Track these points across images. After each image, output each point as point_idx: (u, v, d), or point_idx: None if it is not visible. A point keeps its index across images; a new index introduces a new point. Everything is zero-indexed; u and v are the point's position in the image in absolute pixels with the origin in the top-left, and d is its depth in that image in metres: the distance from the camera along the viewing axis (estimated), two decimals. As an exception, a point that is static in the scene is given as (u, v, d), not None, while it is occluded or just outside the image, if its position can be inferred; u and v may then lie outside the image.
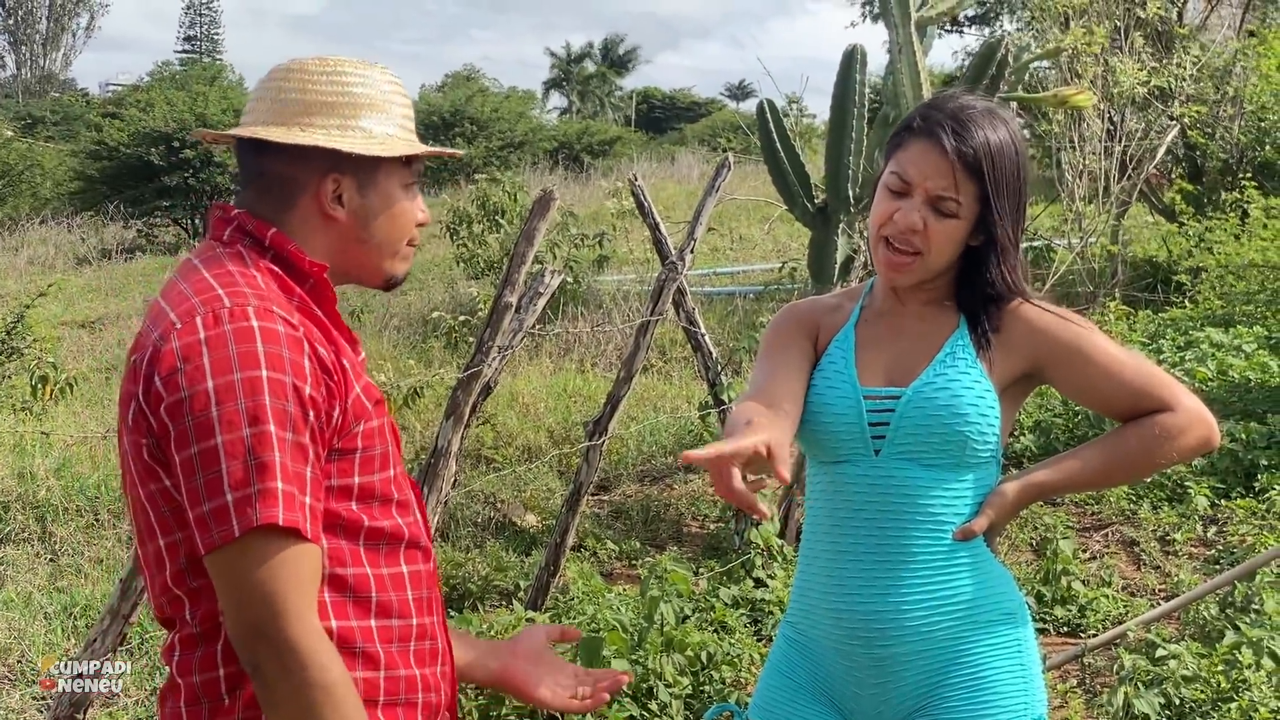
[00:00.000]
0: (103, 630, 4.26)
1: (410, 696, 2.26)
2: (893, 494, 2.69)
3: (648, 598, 5.89)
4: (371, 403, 2.25)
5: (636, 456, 10.03)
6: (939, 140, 2.65)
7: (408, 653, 2.26)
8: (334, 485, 2.18)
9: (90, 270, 23.86)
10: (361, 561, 2.21)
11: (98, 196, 32.18)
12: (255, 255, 2.25)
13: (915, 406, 2.68)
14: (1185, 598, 6.24)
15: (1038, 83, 16.39)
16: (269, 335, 2.09)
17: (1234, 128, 15.10)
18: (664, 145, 46.32)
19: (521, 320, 5.37)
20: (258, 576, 2.01)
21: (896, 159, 2.72)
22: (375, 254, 2.36)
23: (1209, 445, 2.76)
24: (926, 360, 2.73)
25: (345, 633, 2.17)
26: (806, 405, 2.76)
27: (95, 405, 11.76)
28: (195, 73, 42.38)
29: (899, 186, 2.69)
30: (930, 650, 2.69)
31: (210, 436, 2.03)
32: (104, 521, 8.27)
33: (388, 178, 2.32)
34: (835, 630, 2.73)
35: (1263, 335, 10.93)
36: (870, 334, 2.83)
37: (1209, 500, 7.98)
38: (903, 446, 2.68)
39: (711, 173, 7.61)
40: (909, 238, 2.67)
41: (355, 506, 2.21)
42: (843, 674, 2.75)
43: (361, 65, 2.35)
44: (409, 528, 2.30)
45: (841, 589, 2.71)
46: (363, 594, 2.20)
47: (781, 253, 18.10)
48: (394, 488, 2.28)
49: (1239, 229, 13.06)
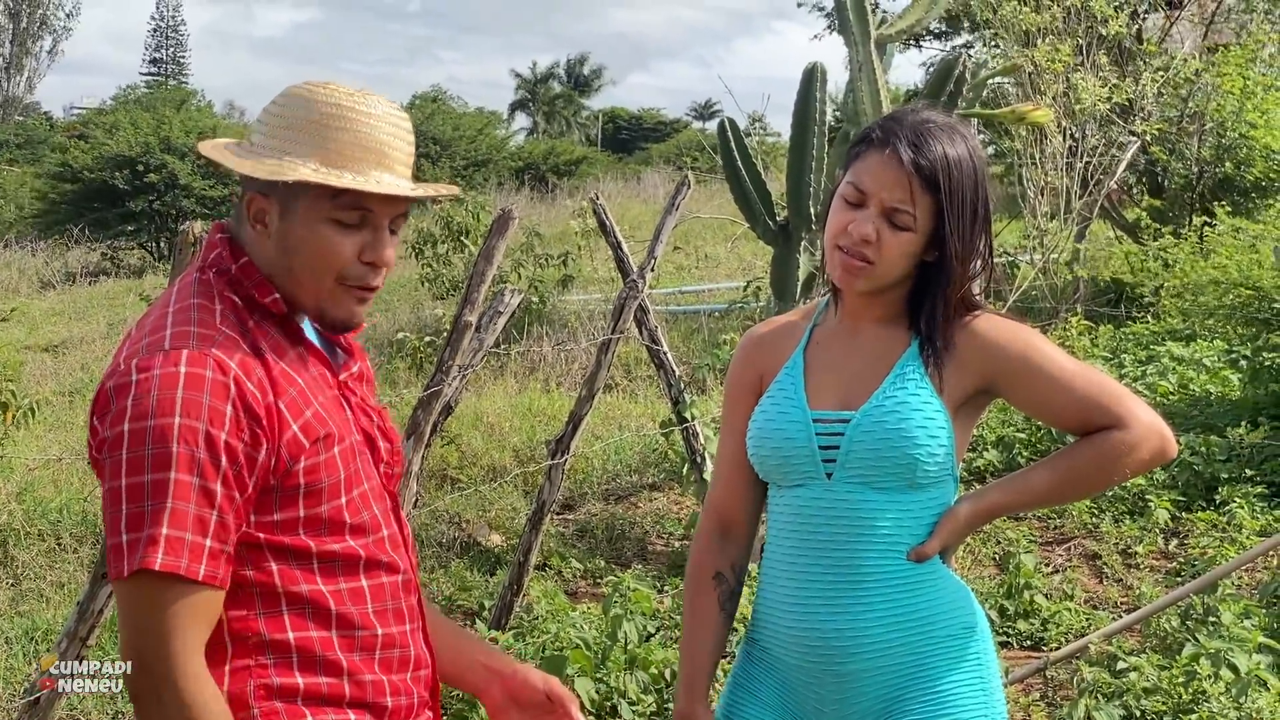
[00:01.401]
0: (60, 653, 4.24)
1: (378, 700, 2.33)
2: (847, 517, 2.70)
3: (610, 616, 5.89)
4: (310, 440, 2.27)
5: (601, 475, 10.02)
6: (896, 152, 2.66)
7: (372, 660, 2.33)
8: (277, 519, 2.25)
9: (54, 294, 23.73)
10: (315, 580, 2.28)
11: (62, 220, 32.02)
12: (221, 285, 2.31)
13: (864, 430, 2.69)
14: (1146, 610, 6.27)
15: (999, 99, 16.48)
16: (193, 380, 2.15)
17: (1195, 144, 15.19)
18: (630, 165, 46.39)
19: (482, 339, 5.38)
20: (143, 616, 2.13)
21: (854, 169, 2.73)
22: (299, 285, 2.33)
23: (1164, 457, 2.76)
24: (877, 382, 2.74)
25: (304, 643, 2.26)
26: (756, 432, 2.81)
27: (58, 429, 11.70)
28: (160, 96, 42.27)
29: (855, 197, 2.70)
30: (890, 666, 2.71)
31: (118, 477, 2.13)
32: (66, 545, 8.22)
33: (309, 207, 2.28)
34: (796, 648, 2.75)
35: (1223, 349, 10.98)
36: (822, 355, 2.84)
37: (1170, 513, 8.02)
38: (854, 470, 2.70)
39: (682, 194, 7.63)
40: (861, 249, 2.68)
41: (303, 534, 2.27)
42: (804, 690, 2.77)
43: (329, 86, 2.33)
44: (365, 549, 2.33)
45: (801, 608, 2.73)
46: (321, 607, 2.28)
47: (746, 271, 18.14)
48: (348, 513, 2.32)
49: (1197, 246, 13.14)
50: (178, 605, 2.11)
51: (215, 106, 48.35)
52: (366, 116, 2.30)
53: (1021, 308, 13.88)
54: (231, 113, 64.79)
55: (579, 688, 5.37)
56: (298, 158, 2.26)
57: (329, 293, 2.33)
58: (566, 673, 5.37)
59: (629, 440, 10.50)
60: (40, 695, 4.24)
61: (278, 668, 2.25)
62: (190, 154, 31.59)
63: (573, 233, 18.02)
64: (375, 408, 2.50)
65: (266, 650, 2.25)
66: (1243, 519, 7.58)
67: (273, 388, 2.23)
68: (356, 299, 2.36)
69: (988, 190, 2.77)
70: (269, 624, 2.25)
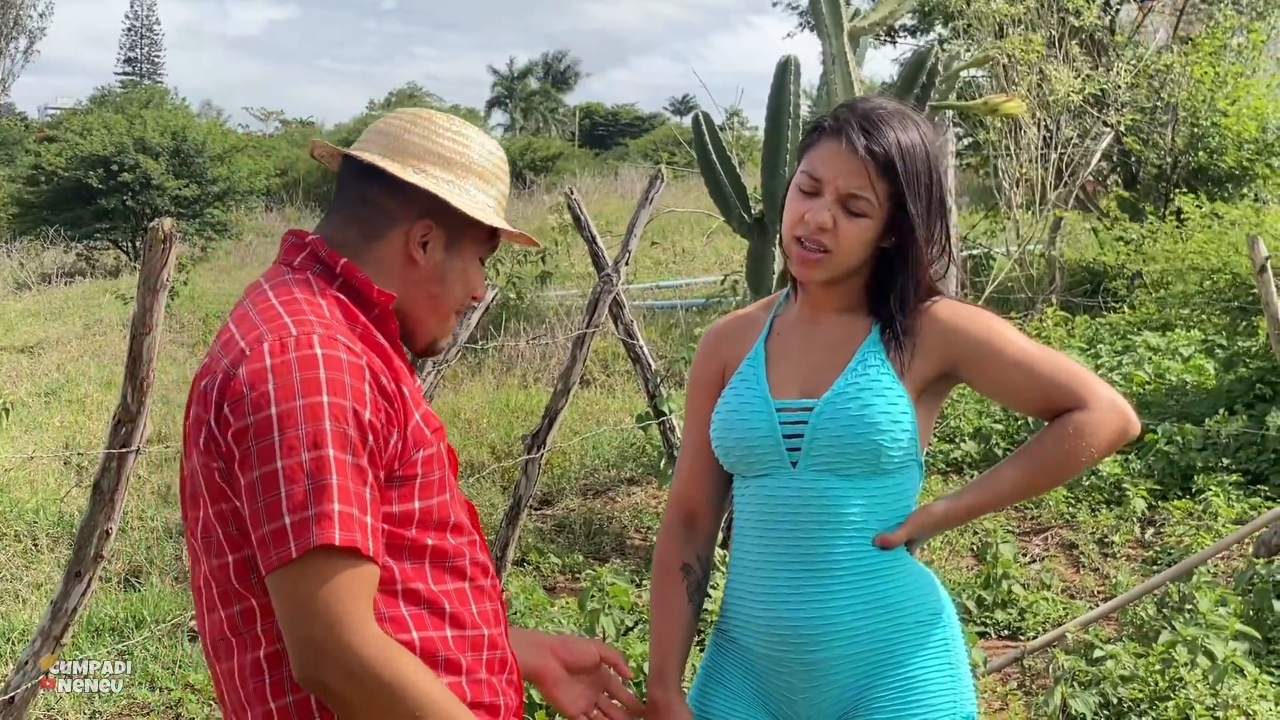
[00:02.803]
0: (34, 652, 4.23)
1: (492, 700, 2.34)
2: (812, 505, 2.70)
3: (588, 610, 5.89)
4: (430, 430, 2.32)
5: (579, 470, 10.02)
6: (850, 139, 2.66)
7: (480, 661, 2.34)
8: (396, 511, 2.24)
9: (29, 295, 23.62)
10: (427, 579, 2.28)
11: (36, 221, 31.86)
12: (323, 283, 2.32)
13: (828, 418, 2.69)
14: (1122, 598, 6.29)
15: (974, 91, 16.52)
16: (332, 362, 2.15)
17: (1168, 133, 15.24)
18: (607, 161, 46.34)
19: (456, 335, 5.37)
20: (316, 595, 2.07)
21: (808, 159, 2.73)
22: (434, 311, 2.41)
23: (1127, 435, 2.75)
24: (838, 370, 2.74)
25: (427, 643, 2.25)
26: (719, 423, 2.82)
27: (34, 430, 11.65)
28: (135, 96, 42.14)
29: (810, 186, 2.70)
30: (858, 653, 2.71)
31: (272, 461, 2.09)
32: (42, 546, 8.20)
33: (472, 243, 2.40)
34: (766, 637, 2.75)
35: (1199, 339, 11.03)
36: (783, 345, 2.85)
37: (1146, 502, 8.05)
38: (818, 458, 2.70)
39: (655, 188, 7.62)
40: (819, 237, 2.68)
41: (415, 531, 2.27)
42: (774, 679, 2.77)
43: (481, 134, 2.44)
44: (467, 549, 2.36)
45: (770, 597, 2.73)
46: (437, 606, 2.28)
47: (724, 265, 18.14)
48: (450, 511, 2.34)
49: (1176, 233, 13.19)
50: (354, 581, 2.09)
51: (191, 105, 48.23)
52: (502, 159, 2.46)
53: (997, 299, 13.93)
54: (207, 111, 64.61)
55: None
56: (464, 194, 2.37)
57: (448, 323, 2.46)
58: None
59: (606, 435, 10.50)
60: (14, 694, 4.22)
61: None
62: (164, 154, 31.48)
63: (550, 228, 18.01)
64: (433, 415, 2.53)
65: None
66: (1218, 507, 7.62)
67: (395, 376, 2.26)
68: (454, 325, 2.50)
69: (941, 174, 2.76)
70: (393, 624, 2.23)
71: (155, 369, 4.24)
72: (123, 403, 4.21)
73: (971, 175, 18.45)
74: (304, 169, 39.69)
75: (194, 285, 19.52)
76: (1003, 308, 14.04)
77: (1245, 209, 12.94)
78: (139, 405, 4.22)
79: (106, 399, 12.37)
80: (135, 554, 8.09)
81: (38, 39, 63.91)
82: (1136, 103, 15.39)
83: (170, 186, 31.11)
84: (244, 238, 31.96)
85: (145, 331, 4.13)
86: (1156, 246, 12.73)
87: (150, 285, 4.08)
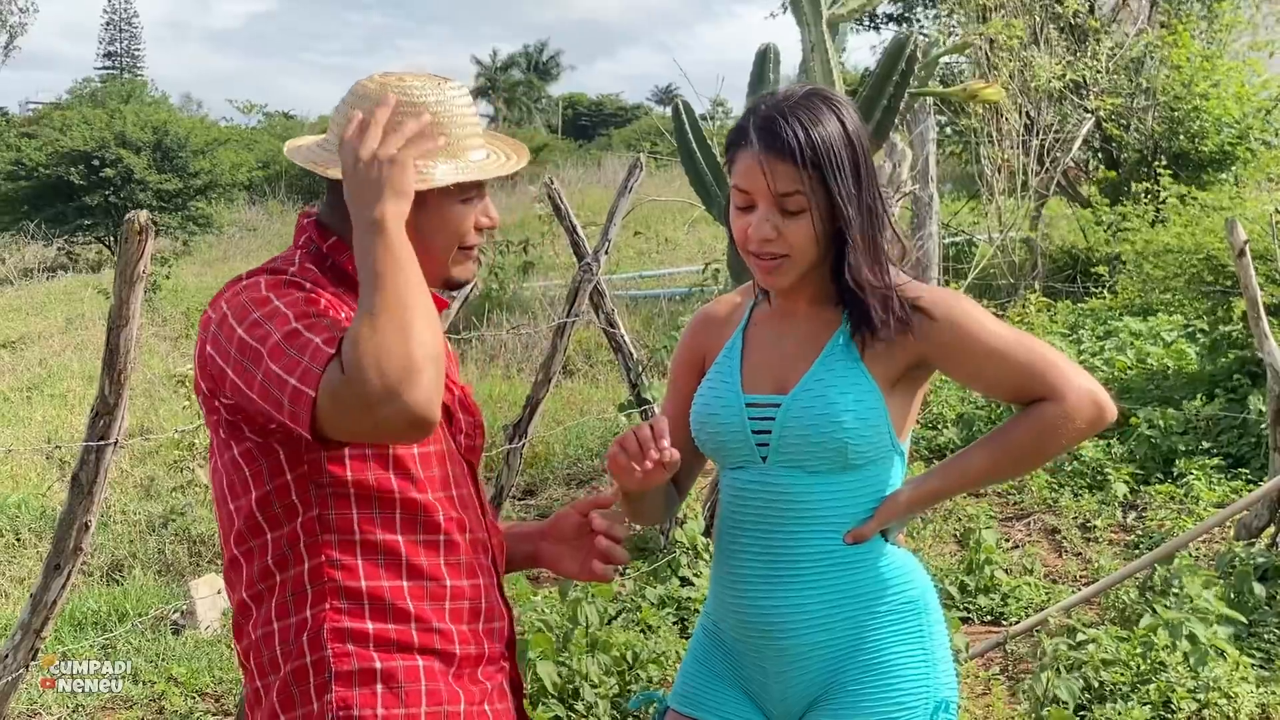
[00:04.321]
0: (14, 645, 4.23)
1: (445, 648, 2.41)
2: (781, 500, 2.72)
3: (569, 599, 5.90)
4: None
5: (563, 460, 10.03)
6: (759, 145, 2.64)
7: (442, 610, 2.42)
8: (368, 453, 2.36)
9: (11, 290, 23.57)
10: (393, 530, 2.39)
11: (18, 216, 31.81)
12: (305, 259, 2.45)
13: (793, 416, 2.69)
14: (1104, 582, 6.31)
15: (955, 78, 16.52)
16: (277, 287, 2.33)
17: (1148, 119, 15.26)
18: (591, 151, 46.31)
19: (436, 325, 5.36)
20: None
21: (734, 174, 2.71)
22: (434, 262, 2.46)
23: (1101, 425, 2.73)
24: (807, 365, 2.74)
25: (375, 591, 2.37)
26: (695, 415, 2.83)
27: (16, 425, 11.64)
28: (114, 90, 41.98)
29: (743, 201, 2.68)
30: (831, 641, 2.73)
31: (252, 356, 2.23)
32: (25, 541, 8.20)
33: (440, 196, 2.43)
34: (737, 624, 2.79)
35: (1180, 323, 11.06)
36: (759, 338, 2.84)
37: (1128, 487, 8.08)
38: (786, 454, 2.70)
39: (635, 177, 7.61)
40: (768, 248, 2.66)
41: (380, 468, 2.37)
42: (750, 665, 2.81)
43: (419, 83, 2.45)
44: (439, 502, 2.43)
45: (741, 585, 2.77)
46: (393, 555, 2.39)
47: (706, 254, 18.13)
48: (420, 464, 2.42)
49: (1154, 215, 13.20)
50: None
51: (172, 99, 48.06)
52: (452, 101, 2.46)
53: (979, 285, 13.94)
54: (188, 105, 64.41)
55: (541, 671, 5.38)
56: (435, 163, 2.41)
57: (455, 261, 2.51)
58: (529, 657, 5.37)
59: (590, 425, 10.50)
60: (-6, 689, 4.21)
61: (350, 613, 2.36)
62: (146, 148, 31.41)
63: (534, 219, 18.00)
64: (457, 384, 2.60)
65: (341, 595, 2.36)
66: (1200, 491, 7.65)
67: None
68: (472, 258, 2.56)
69: (866, 148, 2.73)
70: (345, 572, 2.36)
71: (134, 361, 4.23)
72: (100, 395, 4.20)
73: (953, 162, 18.46)
74: (287, 162, 39.49)
75: (176, 279, 19.51)
76: (985, 294, 14.06)
77: (1222, 194, 12.95)
78: (117, 397, 4.21)
79: (89, 393, 12.32)
80: (118, 548, 8.09)
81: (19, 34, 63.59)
82: (1116, 88, 15.41)
83: (152, 181, 31.08)
84: (227, 231, 31.90)
85: (122, 324, 4.12)
86: (1137, 234, 12.74)
87: (127, 277, 4.06)
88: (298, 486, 2.36)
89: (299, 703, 2.37)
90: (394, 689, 2.35)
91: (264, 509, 2.38)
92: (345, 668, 2.34)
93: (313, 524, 2.36)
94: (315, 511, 2.35)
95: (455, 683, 2.42)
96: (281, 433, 2.31)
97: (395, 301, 2.15)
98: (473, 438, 2.61)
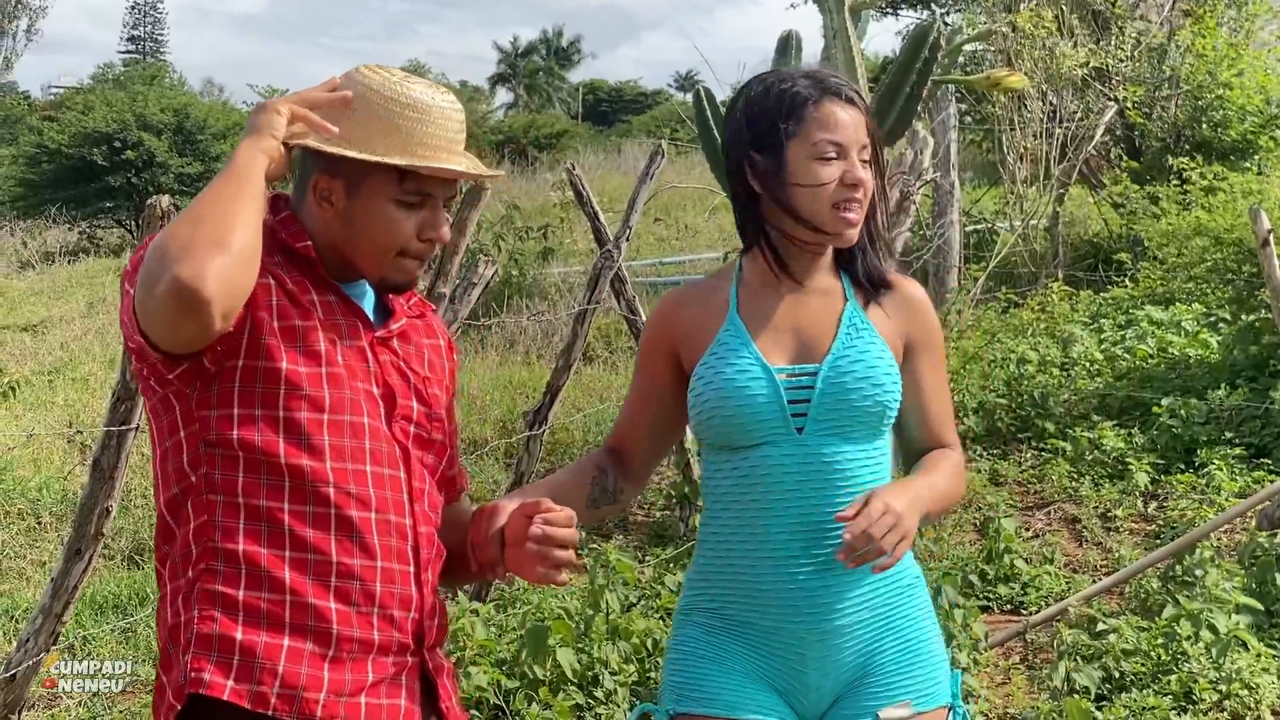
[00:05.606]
0: (35, 630, 4.24)
1: (320, 625, 2.35)
2: (822, 470, 2.71)
3: (593, 586, 5.89)
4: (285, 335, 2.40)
5: (583, 446, 10.01)
6: (847, 96, 2.75)
7: (324, 588, 2.36)
8: (259, 414, 2.36)
9: (33, 274, 23.63)
10: (279, 497, 2.36)
11: (40, 200, 31.90)
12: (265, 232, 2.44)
13: (834, 381, 2.70)
14: (1125, 572, 6.29)
15: (978, 65, 16.46)
16: None
17: (1171, 107, 15.18)
18: (611, 138, 46.22)
19: (456, 311, 5.36)
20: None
21: (815, 123, 2.73)
22: (361, 256, 2.52)
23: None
24: (829, 333, 2.76)
25: (252, 556, 2.34)
26: (710, 395, 2.76)
27: (37, 408, 11.66)
28: (137, 74, 42.09)
29: (834, 150, 2.72)
30: (868, 619, 2.75)
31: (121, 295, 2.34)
32: (46, 524, 8.22)
33: (376, 189, 2.48)
34: (775, 610, 2.73)
35: (1202, 312, 11.00)
36: (758, 314, 2.82)
37: (1149, 476, 8.04)
38: (826, 422, 2.70)
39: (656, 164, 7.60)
40: (858, 194, 2.73)
41: (271, 432, 2.36)
42: (784, 652, 2.76)
43: (392, 80, 2.51)
44: (337, 474, 2.39)
45: (782, 568, 2.72)
46: (276, 523, 2.36)
47: (726, 240, 18.10)
48: (328, 433, 2.40)
49: (1180, 197, 13.10)
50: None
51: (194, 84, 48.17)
52: (427, 108, 2.49)
53: (1001, 274, 13.89)
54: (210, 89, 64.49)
55: (561, 658, 5.38)
56: (352, 141, 2.46)
57: (391, 264, 2.53)
58: (549, 643, 5.37)
59: (610, 411, 10.49)
60: (16, 671, 4.22)
61: (225, 578, 2.33)
62: (167, 131, 31.47)
63: (553, 205, 17.97)
64: (418, 372, 2.60)
65: (219, 558, 2.34)
66: (1221, 480, 7.61)
67: (297, 290, 2.45)
68: (415, 265, 2.57)
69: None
70: (224, 535, 2.34)
71: (155, 346, 4.23)
72: (121, 379, 4.21)
73: (975, 150, 18.39)
74: (307, 147, 39.56)
75: (198, 263, 19.45)
76: (1006, 283, 14.02)
77: (1247, 179, 12.86)
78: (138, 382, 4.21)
79: (110, 377, 12.35)
80: (139, 531, 8.10)
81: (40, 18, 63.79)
82: (1139, 76, 15.33)
83: (174, 164, 31.15)
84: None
85: (144, 308, 4.12)
86: (1161, 219, 12.65)
87: (149, 262, 4.07)
88: (189, 444, 2.38)
89: (173, 663, 2.36)
90: (249, 664, 2.30)
91: (163, 466, 2.42)
92: (206, 631, 2.31)
93: (200, 483, 2.36)
94: (204, 470, 2.36)
95: (328, 668, 2.35)
96: (178, 382, 2.36)
97: (202, 204, 2.27)
98: (425, 428, 2.58)
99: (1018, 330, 11.50)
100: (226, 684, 2.28)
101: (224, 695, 2.28)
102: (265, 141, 2.38)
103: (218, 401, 2.35)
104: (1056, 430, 9.05)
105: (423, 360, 2.64)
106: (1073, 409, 9.51)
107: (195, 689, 2.29)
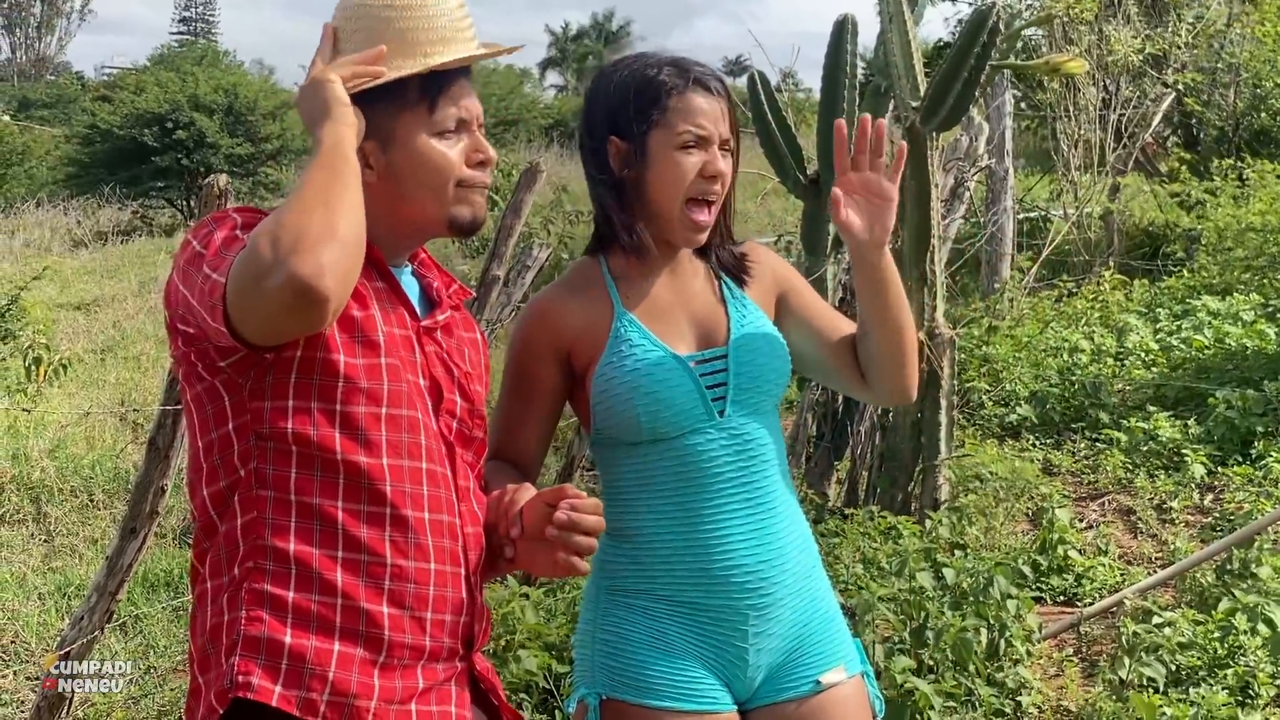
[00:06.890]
0: (90, 608, 4.26)
1: (371, 630, 2.28)
2: (748, 449, 2.75)
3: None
4: (345, 329, 2.32)
5: (633, 430, 9.99)
6: (711, 87, 2.76)
7: (378, 591, 2.29)
8: (314, 408, 2.28)
9: (86, 253, 23.80)
10: (333, 495, 2.28)
11: (93, 179, 32.17)
12: None
13: (745, 361, 2.76)
14: (1182, 564, 6.23)
15: (1031, 51, 16.33)
16: (223, 214, 2.37)
17: (1230, 94, 15.02)
18: (660, 122, 46.10)
19: (510, 294, 5.35)
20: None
21: (683, 116, 2.72)
22: (421, 205, 2.46)
23: None
24: (720, 313, 2.82)
25: (303, 557, 2.26)
26: (622, 392, 2.72)
27: (90, 387, 11.74)
28: (190, 54, 42.34)
29: (696, 140, 2.72)
30: (801, 590, 2.81)
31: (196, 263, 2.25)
32: (98, 502, 8.26)
33: (410, 130, 2.43)
34: (719, 591, 2.72)
35: (1259, 303, 10.88)
36: (645, 305, 2.81)
37: (1206, 468, 7.95)
38: (742, 402, 2.75)
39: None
40: (716, 187, 2.74)
41: (336, 431, 2.28)
42: (729, 631, 2.74)
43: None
44: (393, 472, 2.32)
45: (726, 549, 2.72)
46: (329, 522, 2.27)
47: (777, 226, 18.04)
48: (385, 427, 2.32)
49: (1238, 191, 12.97)
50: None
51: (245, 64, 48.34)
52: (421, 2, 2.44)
53: (1055, 261, 13.78)
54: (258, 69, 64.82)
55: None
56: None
57: (453, 198, 2.47)
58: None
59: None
60: (70, 649, 4.25)
61: (274, 577, 2.25)
62: (218, 111, 31.62)
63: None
64: (460, 366, 2.53)
65: (269, 556, 2.25)
66: (1279, 473, 7.52)
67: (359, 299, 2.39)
68: (479, 195, 2.51)
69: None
70: (275, 531, 2.26)
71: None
72: (177, 359, 4.22)
73: (1029, 137, 18.25)
74: (357, 127, 39.70)
75: (248, 244, 19.55)
76: (1060, 271, 13.90)
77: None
78: (193, 362, 4.22)
79: (162, 356, 12.43)
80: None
81: (93, -1, 64.16)
82: (1196, 63, 15.17)
83: (224, 145, 31.32)
84: (297, 196, 32.06)
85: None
86: (1218, 210, 12.52)
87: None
88: (239, 437, 2.28)
89: (212, 664, 2.26)
90: (298, 669, 2.22)
91: (208, 458, 2.32)
92: (253, 633, 2.22)
93: (250, 477, 2.27)
94: (254, 464, 2.27)
95: (378, 675, 2.28)
96: (230, 371, 2.27)
97: (307, 192, 2.15)
98: (468, 425, 2.51)
99: (1071, 319, 11.40)
100: (274, 689, 2.20)
101: (272, 701, 2.20)
102: (341, 114, 2.29)
103: (272, 393, 2.26)
104: (1111, 420, 8.96)
105: (463, 354, 2.57)
106: (1127, 399, 9.42)
107: (242, 693, 2.20)
